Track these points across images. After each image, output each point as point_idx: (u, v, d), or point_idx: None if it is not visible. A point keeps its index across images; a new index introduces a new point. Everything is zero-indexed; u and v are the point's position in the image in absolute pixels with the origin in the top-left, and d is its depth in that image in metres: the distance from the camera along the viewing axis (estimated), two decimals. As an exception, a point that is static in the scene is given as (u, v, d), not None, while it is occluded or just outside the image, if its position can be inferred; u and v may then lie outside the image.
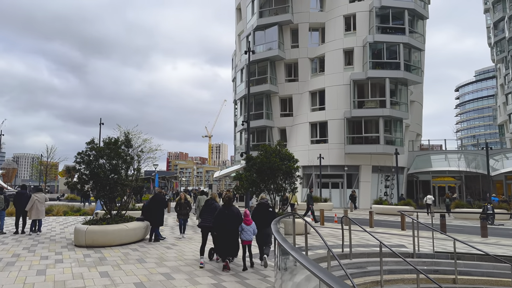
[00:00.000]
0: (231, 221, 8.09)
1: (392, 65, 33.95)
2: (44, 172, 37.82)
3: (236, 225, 8.17)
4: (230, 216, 8.11)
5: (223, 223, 8.08)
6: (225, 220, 8.08)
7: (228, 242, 8.08)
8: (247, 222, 8.33)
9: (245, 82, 38.73)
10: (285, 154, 15.64)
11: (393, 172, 34.87)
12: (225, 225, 8.08)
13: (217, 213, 8.34)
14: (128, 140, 12.65)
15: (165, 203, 12.42)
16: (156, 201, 12.25)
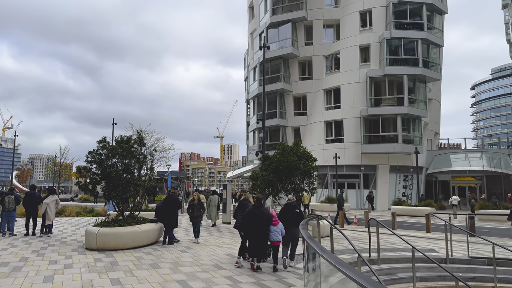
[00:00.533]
0: (261, 221, 7.99)
1: (410, 62, 32.91)
2: (58, 173, 37.77)
3: (265, 226, 8.05)
4: (260, 216, 8.01)
5: (252, 223, 8.02)
6: (254, 221, 8.00)
7: (256, 243, 8.01)
8: (274, 223, 8.19)
9: (258, 81, 38.15)
10: (303, 152, 14.96)
11: (411, 172, 33.85)
12: (254, 226, 7.99)
13: (246, 213, 8.29)
14: (141, 138, 12.12)
15: (179, 204, 11.86)
16: (170, 202, 11.69)
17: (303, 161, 14.85)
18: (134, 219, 11.73)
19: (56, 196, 13.48)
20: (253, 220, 8.03)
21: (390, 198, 33.46)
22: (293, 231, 8.46)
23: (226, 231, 15.43)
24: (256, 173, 15.41)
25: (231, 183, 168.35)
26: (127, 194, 11.05)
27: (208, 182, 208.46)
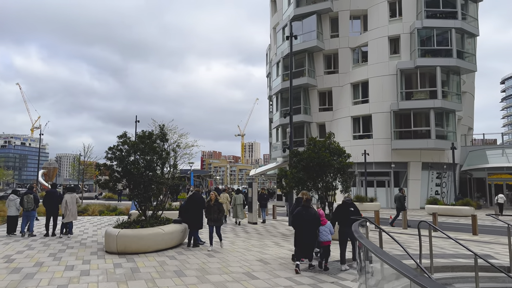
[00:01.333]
0: (309, 222, 7.99)
1: (443, 53, 31.06)
2: (82, 171, 37.83)
3: (313, 226, 8.03)
4: (308, 217, 8.01)
5: (300, 224, 8.06)
6: (302, 221, 8.03)
7: (304, 244, 8.00)
8: (322, 222, 8.19)
9: (282, 76, 37.06)
10: (336, 148, 13.84)
11: (445, 169, 32.04)
12: (302, 226, 8.03)
13: (295, 213, 8.31)
14: (163, 133, 11.31)
15: (203, 203, 10.97)
16: (194, 201, 10.84)
17: (336, 157, 13.76)
18: (157, 219, 10.95)
19: (75, 194, 12.88)
20: (301, 221, 8.05)
21: (422, 196, 31.77)
22: (348, 230, 7.99)
23: (253, 232, 14.50)
24: (284, 170, 14.39)
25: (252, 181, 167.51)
26: (149, 193, 10.24)
27: (230, 180, 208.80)
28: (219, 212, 10.15)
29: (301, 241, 8.01)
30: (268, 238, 12.85)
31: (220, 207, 10.23)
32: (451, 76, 31.53)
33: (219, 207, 10.20)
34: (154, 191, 10.29)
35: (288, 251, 10.20)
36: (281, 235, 13.60)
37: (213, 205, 10.20)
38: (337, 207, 8.92)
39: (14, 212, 12.39)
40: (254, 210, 17.27)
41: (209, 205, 10.26)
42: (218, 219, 10.20)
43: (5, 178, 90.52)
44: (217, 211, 10.14)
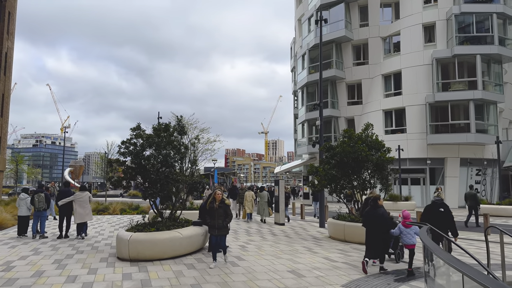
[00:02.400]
0: (376, 223, 7.79)
1: (483, 40, 28.70)
2: (105, 169, 37.58)
3: (381, 227, 7.76)
4: (375, 217, 7.83)
5: (368, 224, 7.97)
6: (370, 222, 7.92)
7: (373, 245, 7.78)
8: (405, 225, 7.74)
9: (307, 69, 35.49)
10: (374, 141, 12.33)
11: (485, 165, 29.65)
12: (369, 227, 7.91)
13: (364, 214, 8.26)
14: (181, 126, 10.16)
15: None
16: None
17: (373, 151, 12.26)
18: (176, 221, 9.83)
19: (87, 193, 11.96)
20: (368, 221, 7.95)
21: (460, 195, 29.52)
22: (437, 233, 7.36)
23: (281, 234, 13.19)
24: (315, 167, 12.99)
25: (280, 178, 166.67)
26: (165, 192, 9.10)
27: (254, 177, 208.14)
28: (225, 217, 7.96)
29: (369, 242, 7.86)
30: (299, 242, 11.52)
31: (227, 210, 8.00)
32: (492, 65, 29.13)
33: (226, 211, 7.98)
34: (171, 189, 9.10)
35: (323, 259, 8.84)
36: (312, 239, 12.24)
37: (218, 207, 7.93)
38: (426, 208, 8.28)
39: (25, 212, 11.59)
40: (281, 210, 15.96)
41: (211, 208, 7.96)
42: (223, 226, 7.93)
43: (33, 176, 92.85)
44: (222, 216, 7.92)
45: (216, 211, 7.89)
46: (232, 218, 8.21)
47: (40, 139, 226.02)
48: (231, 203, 7.59)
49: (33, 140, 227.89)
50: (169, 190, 9.07)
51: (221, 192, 8.14)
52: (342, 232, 11.83)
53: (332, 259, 8.88)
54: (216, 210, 7.90)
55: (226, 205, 8.00)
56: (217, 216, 7.87)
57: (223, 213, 7.93)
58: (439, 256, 4.54)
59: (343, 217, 12.35)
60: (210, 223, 7.93)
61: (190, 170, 10.17)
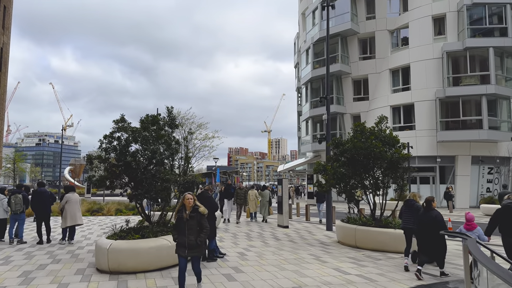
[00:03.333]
0: (430, 225, 7.29)
1: (496, 32, 27.37)
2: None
3: (434, 229, 7.18)
4: (429, 220, 7.32)
5: (421, 226, 7.52)
6: (424, 225, 7.42)
7: (425, 249, 7.36)
8: (469, 227, 7.26)
9: (312, 64, 34.26)
10: (389, 137, 11.13)
11: (498, 163, 28.37)
12: (425, 230, 7.39)
13: (418, 217, 7.72)
14: (172, 118, 9.00)
15: (214, 205, 8.54)
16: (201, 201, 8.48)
17: (387, 147, 11.07)
18: (166, 225, 8.70)
19: (77, 195, 10.87)
20: (423, 225, 7.44)
21: (472, 194, 28.32)
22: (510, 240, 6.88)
23: (285, 238, 12.02)
24: (322, 165, 11.80)
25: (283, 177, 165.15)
26: (151, 193, 7.93)
27: (257, 176, 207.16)
28: (200, 230, 5.64)
29: (424, 247, 7.38)
30: (304, 248, 10.36)
31: (202, 221, 5.64)
32: (505, 58, 27.79)
33: (200, 222, 5.63)
34: (159, 190, 7.93)
35: (334, 271, 7.66)
36: (319, 244, 11.07)
37: (189, 218, 5.60)
38: (497, 211, 7.42)
39: (2, 214, 10.47)
40: (285, 212, 14.79)
41: (179, 219, 5.69)
42: (196, 245, 5.61)
43: (33, 175, 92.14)
44: (194, 230, 5.59)
45: (186, 224, 5.58)
46: (208, 232, 5.77)
47: (43, 138, 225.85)
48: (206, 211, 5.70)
49: (36, 139, 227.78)
50: (157, 191, 7.90)
51: (192, 196, 5.75)
52: (352, 237, 10.65)
53: (344, 270, 7.71)
54: (187, 221, 5.58)
55: (200, 214, 5.63)
56: (188, 229, 5.56)
57: (195, 225, 5.60)
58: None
59: (354, 220, 11.18)
60: (177, 239, 5.70)
61: (183, 168, 9.01)
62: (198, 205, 5.74)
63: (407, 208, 8.36)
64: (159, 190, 7.83)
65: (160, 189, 7.81)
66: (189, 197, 5.70)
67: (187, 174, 8.89)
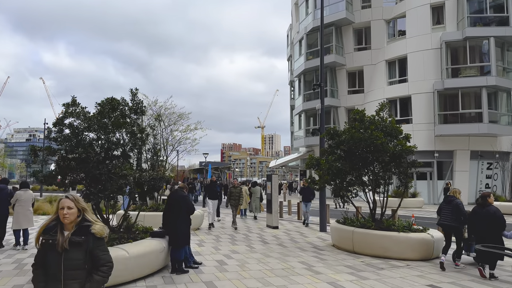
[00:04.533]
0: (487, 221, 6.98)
1: (498, 21, 26.21)
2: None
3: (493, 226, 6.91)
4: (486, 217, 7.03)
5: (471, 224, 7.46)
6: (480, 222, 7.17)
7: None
8: None
9: (305, 55, 32.87)
10: (391, 126, 9.83)
11: (497, 158, 27.29)
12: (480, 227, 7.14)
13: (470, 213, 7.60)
14: (137, 102, 7.57)
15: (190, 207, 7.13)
16: (173, 203, 7.10)
17: (389, 138, 9.76)
18: (130, 230, 7.31)
19: (31, 192, 9.45)
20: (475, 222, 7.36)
21: (471, 190, 27.24)
22: None
23: (273, 242, 10.67)
24: (316, 158, 10.44)
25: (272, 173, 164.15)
26: (106, 192, 6.50)
27: (250, 172, 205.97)
28: (95, 268, 2.88)
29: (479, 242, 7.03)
30: (295, 254, 9.02)
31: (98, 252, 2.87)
32: (506, 49, 26.65)
33: (94, 253, 2.87)
34: (115, 188, 6.49)
35: (329, 285, 6.32)
36: (312, 249, 9.74)
37: (69, 245, 2.77)
38: None
39: None
40: (275, 211, 13.43)
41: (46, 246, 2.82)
42: None
43: (18, 170, 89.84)
44: (78, 271, 2.82)
45: (61, 257, 2.78)
46: (111, 269, 2.94)
47: (34, 133, 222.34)
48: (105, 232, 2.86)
49: (26, 134, 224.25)
50: (113, 190, 6.47)
51: (75, 204, 2.89)
52: (349, 240, 9.34)
53: (342, 285, 6.37)
54: (63, 253, 2.78)
55: (94, 237, 2.87)
56: (65, 269, 2.77)
57: (81, 261, 2.82)
58: None
59: (351, 221, 9.87)
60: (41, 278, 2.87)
61: (152, 163, 7.60)
62: (89, 220, 2.93)
63: (446, 204, 8.07)
64: (115, 188, 6.40)
65: (116, 187, 6.37)
66: (66, 204, 2.86)
67: (155, 169, 7.46)
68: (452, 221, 7.69)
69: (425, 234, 8.54)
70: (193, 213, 7.15)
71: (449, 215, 7.81)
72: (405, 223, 9.34)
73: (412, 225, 9.26)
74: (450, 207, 7.88)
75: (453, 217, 7.66)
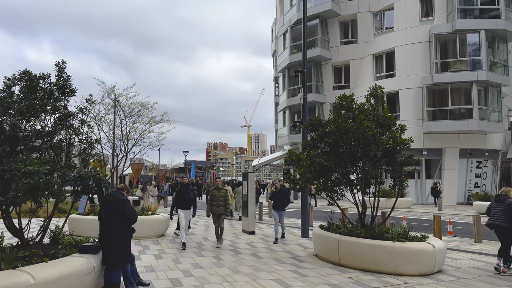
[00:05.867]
0: None
1: (488, 13, 25.25)
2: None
3: None
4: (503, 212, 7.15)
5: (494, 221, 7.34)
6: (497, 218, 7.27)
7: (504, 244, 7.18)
8: None
9: (289, 48, 31.46)
10: (383, 116, 8.40)
11: (486, 156, 26.40)
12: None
13: None
14: (64, 79, 5.89)
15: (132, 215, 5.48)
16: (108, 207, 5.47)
17: (382, 129, 8.35)
18: (55, 243, 5.66)
19: None
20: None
21: (459, 190, 26.28)
22: None
23: (247, 251, 9.12)
24: (296, 154, 8.93)
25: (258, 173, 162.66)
26: (9, 195, 4.82)
27: (235, 172, 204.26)
28: None
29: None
30: (270, 268, 7.49)
31: None
32: (497, 43, 25.74)
33: None
34: (20, 191, 4.81)
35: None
36: (291, 260, 8.22)
37: None
38: None
39: None
40: (251, 214, 11.88)
41: None
42: None
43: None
44: None
45: None
46: None
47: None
48: None
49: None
50: (17, 192, 4.80)
51: None
52: (335, 250, 7.85)
53: (325, 316, 4.85)
54: None
55: None
56: None
57: None
58: None
59: (336, 227, 8.39)
60: None
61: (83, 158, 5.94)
62: None
63: (497, 203, 7.60)
64: (22, 190, 4.72)
65: (23, 189, 4.69)
66: None
67: (87, 165, 5.81)
68: (503, 221, 7.22)
69: (425, 244, 7.10)
70: (134, 222, 5.53)
71: (501, 215, 7.34)
72: (400, 229, 7.90)
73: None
74: (501, 207, 7.40)
75: (505, 217, 7.20)
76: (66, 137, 5.91)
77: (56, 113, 5.64)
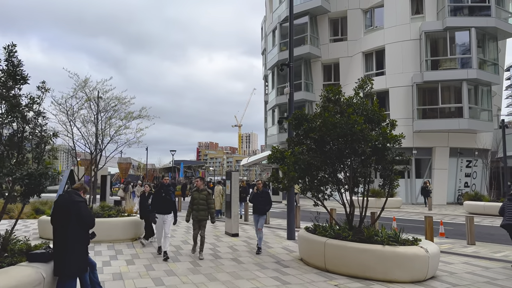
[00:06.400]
0: None
1: (479, 11, 25.01)
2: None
3: None
4: None
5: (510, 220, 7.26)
6: None
7: None
8: None
9: (279, 45, 30.92)
10: (372, 110, 7.87)
11: (476, 155, 26.18)
12: None
13: None
14: (14, 65, 5.22)
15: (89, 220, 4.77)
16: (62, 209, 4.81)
17: (371, 125, 7.81)
18: (4, 249, 4.99)
19: None
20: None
21: (449, 189, 25.99)
22: None
23: (227, 256, 8.50)
24: (280, 151, 8.33)
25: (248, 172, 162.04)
26: None
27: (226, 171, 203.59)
28: None
29: None
30: (250, 274, 6.89)
31: None
32: (487, 41, 25.51)
33: None
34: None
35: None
36: (274, 265, 7.63)
37: None
38: None
39: None
40: (234, 215, 11.25)
41: None
42: None
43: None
44: None
45: None
46: None
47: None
48: None
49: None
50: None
51: None
52: (321, 255, 7.28)
53: (306, 333, 4.26)
54: None
55: None
56: None
57: None
58: None
59: (323, 230, 7.82)
60: None
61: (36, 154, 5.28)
62: None
63: (510, 203, 7.59)
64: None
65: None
66: None
67: (41, 161, 5.15)
68: None
69: (417, 248, 6.56)
70: (92, 226, 4.88)
71: None
72: (390, 231, 7.37)
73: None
74: None
75: None
76: (18, 130, 5.24)
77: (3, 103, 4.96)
